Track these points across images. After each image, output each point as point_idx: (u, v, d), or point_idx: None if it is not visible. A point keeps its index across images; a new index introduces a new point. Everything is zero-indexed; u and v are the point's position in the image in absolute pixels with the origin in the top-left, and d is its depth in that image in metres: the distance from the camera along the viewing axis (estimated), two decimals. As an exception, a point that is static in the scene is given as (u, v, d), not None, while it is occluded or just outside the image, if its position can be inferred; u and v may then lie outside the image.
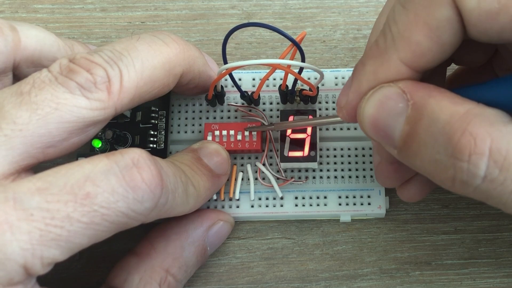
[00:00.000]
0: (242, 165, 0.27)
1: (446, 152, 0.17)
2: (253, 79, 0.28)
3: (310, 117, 0.26)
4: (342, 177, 0.27)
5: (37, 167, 0.20)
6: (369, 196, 0.26)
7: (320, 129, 0.27)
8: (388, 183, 0.24)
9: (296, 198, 0.27)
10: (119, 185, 0.19)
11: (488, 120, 0.17)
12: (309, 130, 0.26)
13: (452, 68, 0.26)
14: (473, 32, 0.17)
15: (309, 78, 0.28)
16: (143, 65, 0.21)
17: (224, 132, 0.26)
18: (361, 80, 0.20)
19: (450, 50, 0.18)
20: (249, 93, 0.27)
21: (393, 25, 0.19)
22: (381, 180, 0.25)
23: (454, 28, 0.18)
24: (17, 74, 0.23)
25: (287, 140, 0.26)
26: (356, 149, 0.27)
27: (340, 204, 0.26)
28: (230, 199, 0.27)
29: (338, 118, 0.22)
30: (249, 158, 0.27)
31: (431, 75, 0.22)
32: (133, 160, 0.19)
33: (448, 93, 0.18)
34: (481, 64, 0.24)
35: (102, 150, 0.26)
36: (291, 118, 0.26)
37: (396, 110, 0.18)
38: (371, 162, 0.27)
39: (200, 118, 0.28)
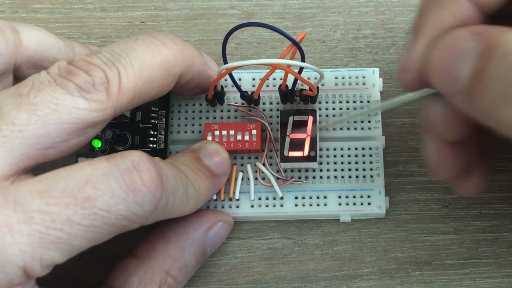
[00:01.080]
0: (242, 165, 0.27)
1: None
2: (253, 79, 0.28)
3: (310, 117, 0.26)
4: (342, 177, 0.27)
5: (36, 168, 0.20)
6: (369, 196, 0.26)
7: (320, 129, 0.27)
8: (446, 172, 0.23)
9: (296, 198, 0.27)
10: (119, 188, 0.19)
11: None
12: (309, 130, 0.26)
13: None
14: None
15: (309, 78, 0.28)
16: (141, 66, 0.21)
17: (224, 132, 0.26)
18: (426, 28, 0.19)
19: None
20: (249, 93, 0.27)
21: None
22: (439, 169, 0.23)
23: None
24: (18, 75, 0.23)
25: (287, 140, 0.26)
26: (356, 149, 0.27)
27: (340, 204, 0.26)
28: (230, 199, 0.27)
29: (406, 95, 0.21)
30: (249, 158, 0.27)
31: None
32: (133, 163, 0.19)
33: None
34: None
35: (102, 150, 0.26)
36: (291, 118, 0.26)
37: (468, 49, 0.18)
38: (371, 162, 0.27)
39: (200, 118, 0.28)
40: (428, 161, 0.23)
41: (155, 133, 0.27)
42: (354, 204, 0.26)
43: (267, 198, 0.27)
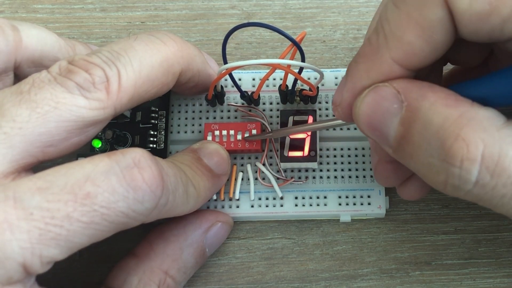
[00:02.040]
0: (242, 165, 0.27)
1: (439, 156, 0.17)
2: (253, 79, 0.28)
3: (310, 117, 0.26)
4: (342, 177, 0.27)
5: (37, 167, 0.20)
6: (369, 196, 0.26)
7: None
8: (387, 182, 0.24)
9: (296, 198, 0.27)
10: (120, 185, 0.19)
11: (481, 125, 0.17)
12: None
13: (449, 67, 0.26)
14: (464, 32, 0.18)
15: (309, 78, 0.28)
16: (141, 64, 0.21)
17: (224, 132, 0.26)
18: (355, 78, 0.20)
19: (442, 50, 0.18)
20: (249, 93, 0.27)
21: (385, 24, 0.19)
22: (380, 179, 0.24)
23: (445, 29, 0.18)
24: (18, 74, 0.23)
25: (287, 140, 0.26)
26: (356, 149, 0.27)
27: (340, 204, 0.26)
28: (230, 199, 0.27)
29: (338, 121, 0.22)
30: (249, 158, 0.27)
31: (427, 73, 0.22)
32: (134, 160, 0.19)
33: (443, 93, 0.18)
34: (477, 64, 0.24)
35: (102, 150, 0.26)
36: (291, 118, 0.26)
37: (391, 110, 0.19)
38: (371, 162, 0.27)
39: (200, 118, 0.28)
40: (373, 170, 0.25)
41: (155, 133, 0.27)
42: (354, 204, 0.26)
43: (267, 198, 0.27)
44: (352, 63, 0.20)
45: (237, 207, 0.27)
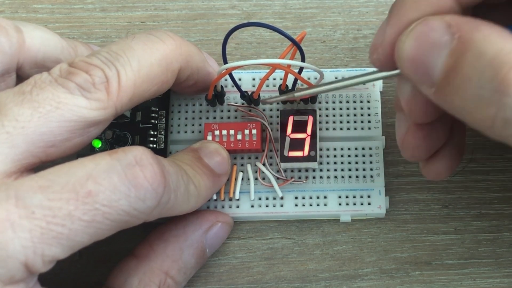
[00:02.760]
0: (242, 165, 0.27)
1: (491, 87, 0.16)
2: (253, 79, 0.28)
3: (310, 117, 0.26)
4: (342, 177, 0.27)
5: (39, 167, 0.20)
6: (369, 196, 0.26)
7: (320, 129, 0.27)
8: (416, 154, 0.23)
9: (296, 198, 0.27)
10: (121, 183, 0.19)
11: None
12: (309, 130, 0.26)
13: None
14: None
15: (309, 78, 0.28)
16: (139, 63, 0.21)
17: (224, 132, 0.26)
18: (402, 11, 0.19)
19: None
20: (249, 93, 0.27)
21: None
22: (408, 151, 0.23)
23: None
24: (21, 74, 0.24)
25: (287, 140, 0.26)
26: (356, 149, 0.27)
27: (340, 204, 0.26)
28: (230, 199, 0.27)
29: (367, 77, 0.21)
30: (249, 158, 0.27)
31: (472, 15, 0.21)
32: (136, 158, 0.19)
33: (497, 27, 0.17)
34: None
35: (102, 150, 0.26)
36: (291, 118, 0.26)
37: (441, 42, 0.18)
38: (371, 162, 0.27)
39: (200, 118, 0.28)
40: (398, 140, 0.23)
41: (155, 133, 0.27)
42: (354, 204, 0.26)
43: (267, 198, 0.27)
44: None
45: (237, 207, 0.27)
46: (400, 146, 0.23)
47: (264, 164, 0.27)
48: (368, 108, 0.28)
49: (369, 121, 0.27)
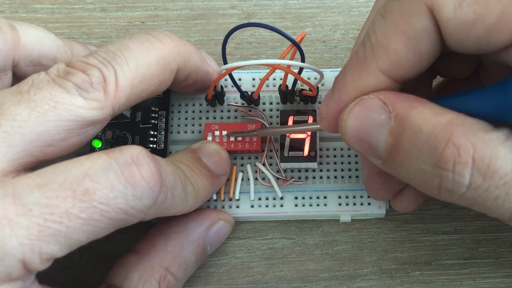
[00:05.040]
0: (242, 165, 0.27)
1: (431, 162, 0.18)
2: (253, 79, 0.28)
3: (310, 117, 0.26)
4: (342, 177, 0.27)
5: (36, 167, 0.20)
6: (369, 196, 0.26)
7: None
8: (379, 195, 0.24)
9: (296, 198, 0.27)
10: (118, 181, 0.19)
11: (470, 129, 0.17)
12: (309, 130, 0.26)
13: (440, 79, 0.26)
14: (450, 42, 0.18)
15: (309, 78, 0.28)
16: (137, 63, 0.21)
17: (224, 132, 0.26)
18: (341, 90, 0.20)
19: (428, 60, 0.19)
20: (249, 93, 0.27)
21: (372, 35, 0.19)
22: (372, 193, 0.24)
23: (431, 38, 0.18)
24: (17, 73, 0.24)
25: (287, 140, 0.26)
26: (356, 149, 0.27)
27: (340, 204, 0.26)
28: (230, 199, 0.27)
29: (318, 126, 0.22)
30: (249, 158, 0.27)
31: (415, 87, 0.22)
32: (132, 157, 0.19)
33: (430, 103, 0.18)
34: (467, 75, 0.24)
35: (102, 150, 0.26)
36: (291, 118, 0.26)
37: (379, 122, 0.19)
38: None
39: (200, 118, 0.28)
40: (365, 184, 0.24)
41: (155, 133, 0.27)
42: (354, 204, 0.26)
43: (267, 198, 0.27)
44: (339, 75, 0.20)
45: (237, 207, 0.27)
46: (367, 192, 0.25)
47: (264, 164, 0.27)
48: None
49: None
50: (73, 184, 0.18)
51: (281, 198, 0.27)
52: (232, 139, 0.26)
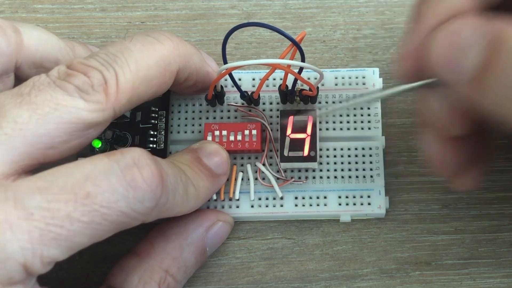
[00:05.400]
0: (242, 165, 0.27)
1: None
2: (253, 79, 0.28)
3: (310, 118, 0.26)
4: (342, 177, 0.27)
5: (37, 169, 0.20)
6: (369, 196, 0.26)
7: (320, 129, 0.27)
8: (448, 169, 0.22)
9: (296, 198, 0.27)
10: (120, 184, 0.19)
11: None
12: (309, 130, 0.26)
13: None
14: None
15: (309, 78, 0.28)
16: (137, 64, 0.21)
17: (224, 132, 0.26)
18: (427, 16, 0.19)
19: None
20: (249, 93, 0.27)
21: None
22: (440, 168, 0.23)
23: None
24: (19, 75, 0.24)
25: (287, 140, 0.26)
26: (356, 149, 0.27)
27: (340, 204, 0.26)
28: (230, 199, 0.27)
29: (401, 87, 0.21)
30: (249, 158, 0.27)
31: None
32: (134, 160, 0.19)
33: None
34: None
35: (102, 151, 0.26)
36: (291, 118, 0.26)
37: (471, 40, 0.17)
38: (371, 162, 0.27)
39: (200, 118, 0.28)
40: (429, 159, 0.23)
41: (155, 133, 0.27)
42: (354, 204, 0.26)
43: (267, 198, 0.27)
44: (418, 5, 0.19)
45: (237, 207, 0.27)
46: (434, 166, 0.23)
47: (264, 164, 0.27)
48: (368, 108, 0.28)
49: (369, 121, 0.27)
50: (74, 188, 0.18)
51: (281, 198, 0.27)
52: (232, 139, 0.26)
